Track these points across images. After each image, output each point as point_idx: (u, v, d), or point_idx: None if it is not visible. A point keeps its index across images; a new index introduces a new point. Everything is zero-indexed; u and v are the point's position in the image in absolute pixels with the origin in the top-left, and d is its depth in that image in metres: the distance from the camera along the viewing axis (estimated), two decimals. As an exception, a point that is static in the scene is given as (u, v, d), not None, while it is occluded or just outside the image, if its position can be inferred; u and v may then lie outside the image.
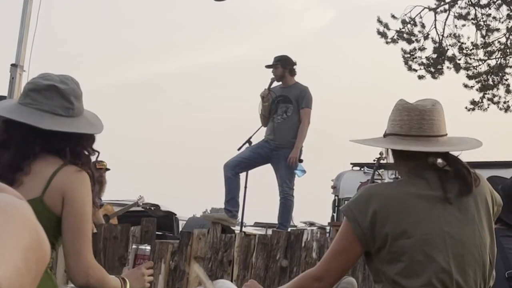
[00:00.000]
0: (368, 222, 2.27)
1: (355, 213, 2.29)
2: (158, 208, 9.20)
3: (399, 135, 2.40)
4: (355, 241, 2.30)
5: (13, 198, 0.70)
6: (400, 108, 2.43)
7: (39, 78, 2.32)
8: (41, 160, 2.24)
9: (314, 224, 12.33)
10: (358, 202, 2.33)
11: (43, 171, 2.23)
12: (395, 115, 2.43)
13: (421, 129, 2.38)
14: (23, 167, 2.22)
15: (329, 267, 2.36)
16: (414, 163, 2.39)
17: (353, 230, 2.29)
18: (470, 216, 2.32)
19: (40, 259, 0.67)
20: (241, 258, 5.33)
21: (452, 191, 2.32)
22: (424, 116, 2.38)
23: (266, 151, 6.64)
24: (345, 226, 2.34)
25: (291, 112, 6.62)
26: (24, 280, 0.63)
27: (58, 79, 2.30)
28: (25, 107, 2.25)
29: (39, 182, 2.22)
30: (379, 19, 13.63)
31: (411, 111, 2.40)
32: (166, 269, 5.47)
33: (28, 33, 6.61)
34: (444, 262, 2.23)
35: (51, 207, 2.21)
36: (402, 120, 2.40)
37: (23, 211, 0.69)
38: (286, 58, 6.82)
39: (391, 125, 2.44)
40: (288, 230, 6.06)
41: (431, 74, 13.79)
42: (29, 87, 2.29)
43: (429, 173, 2.37)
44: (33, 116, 2.23)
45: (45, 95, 2.25)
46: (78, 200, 2.23)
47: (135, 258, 2.59)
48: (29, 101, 2.25)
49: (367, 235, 2.27)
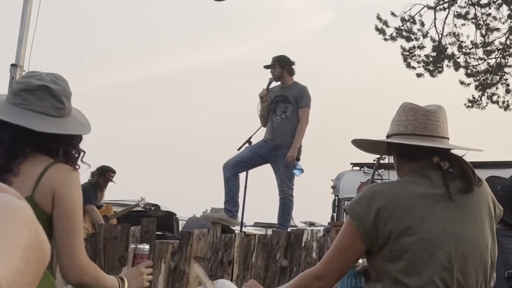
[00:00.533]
0: (371, 221, 2.27)
1: (359, 212, 2.30)
2: (158, 208, 9.19)
3: (405, 135, 2.41)
4: (358, 239, 2.30)
5: (13, 198, 0.70)
6: (406, 108, 2.44)
7: (29, 77, 2.29)
8: (30, 160, 2.23)
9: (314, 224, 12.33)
10: (361, 201, 2.33)
11: (32, 170, 2.21)
12: (400, 115, 2.44)
13: (426, 129, 2.39)
14: (12, 167, 2.20)
15: (331, 266, 2.35)
16: (418, 162, 2.40)
17: (357, 228, 2.29)
18: (473, 216, 2.33)
19: (40, 259, 0.67)
20: (241, 258, 5.33)
21: (454, 189, 2.33)
22: (429, 117, 2.40)
23: (266, 151, 6.63)
24: (348, 224, 2.34)
25: (290, 112, 6.62)
26: (24, 280, 0.63)
27: (49, 78, 2.28)
28: (15, 107, 2.23)
29: (28, 181, 2.20)
30: (378, 16, 13.63)
31: (417, 112, 2.41)
32: (166, 269, 5.47)
33: (28, 33, 6.61)
34: (446, 261, 2.24)
35: (42, 205, 2.19)
36: (408, 120, 2.41)
37: (23, 211, 0.68)
38: (284, 58, 6.82)
39: (395, 125, 2.45)
40: (288, 230, 6.06)
41: (430, 72, 13.79)
42: (20, 87, 2.26)
43: (432, 172, 2.37)
44: (25, 117, 2.21)
45: (37, 95, 2.24)
46: (68, 197, 2.21)
47: (134, 258, 2.59)
48: (20, 101, 2.23)
49: (370, 233, 2.27)
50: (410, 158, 2.42)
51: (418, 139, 2.38)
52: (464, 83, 13.87)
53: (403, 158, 2.46)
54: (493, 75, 13.86)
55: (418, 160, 2.40)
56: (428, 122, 2.40)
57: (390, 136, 2.46)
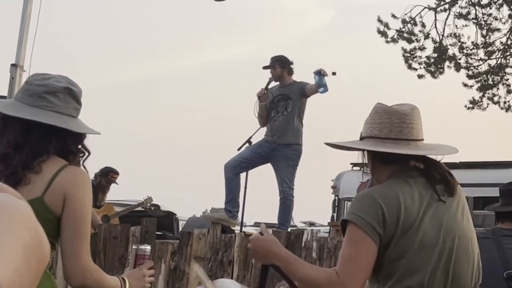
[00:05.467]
0: (381, 224, 2.24)
1: (366, 218, 2.25)
2: (158, 208, 9.18)
3: (379, 138, 2.38)
4: (372, 245, 2.24)
5: (13, 198, 0.70)
6: (379, 111, 2.41)
7: (48, 79, 2.32)
8: (49, 160, 2.27)
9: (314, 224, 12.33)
10: (364, 207, 2.29)
11: (45, 171, 2.25)
12: (374, 118, 2.41)
13: (401, 133, 2.37)
14: (34, 166, 2.23)
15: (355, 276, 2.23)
16: (395, 166, 2.38)
17: (368, 235, 2.23)
18: (459, 216, 2.36)
19: (40, 260, 0.67)
20: (241, 258, 5.33)
21: (441, 191, 2.35)
22: (404, 120, 2.38)
23: (266, 151, 6.63)
24: (355, 234, 2.25)
25: (291, 108, 6.62)
26: (24, 281, 0.63)
27: (66, 80, 2.35)
28: (41, 110, 2.27)
29: (41, 182, 2.23)
30: (379, 18, 13.65)
31: (392, 115, 2.38)
32: (166, 269, 5.47)
33: (28, 33, 6.62)
34: (444, 257, 2.27)
35: (51, 207, 2.21)
36: (382, 123, 2.38)
37: (23, 211, 0.68)
38: (284, 58, 6.83)
39: (369, 127, 2.42)
40: (288, 230, 6.06)
41: (431, 74, 13.80)
42: (43, 90, 2.29)
43: (415, 175, 2.37)
44: (55, 118, 2.26)
45: (60, 97, 2.29)
46: (79, 200, 2.24)
47: (135, 259, 2.59)
48: (46, 103, 2.27)
49: (382, 236, 2.25)
50: (386, 162, 2.40)
51: (393, 143, 2.35)
52: (467, 85, 13.88)
53: (377, 162, 2.43)
54: (494, 75, 13.86)
55: (394, 164, 2.38)
56: (403, 125, 2.37)
57: (364, 138, 2.43)
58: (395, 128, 2.36)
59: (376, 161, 2.43)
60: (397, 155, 2.34)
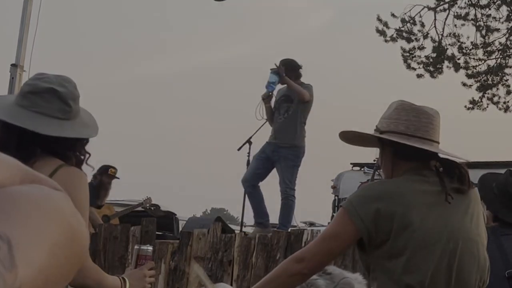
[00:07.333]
0: (371, 217, 2.26)
1: (358, 209, 2.29)
2: (158, 208, 9.18)
3: (405, 134, 2.39)
4: (351, 231, 2.29)
5: (47, 190, 0.68)
6: (407, 108, 2.42)
7: (37, 79, 2.30)
8: (40, 161, 2.24)
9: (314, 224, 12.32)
10: (360, 198, 2.33)
11: (40, 171, 2.22)
12: (400, 114, 2.42)
13: (427, 133, 2.39)
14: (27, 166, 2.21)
15: (313, 249, 2.36)
16: (414, 163, 2.40)
17: (350, 219, 2.29)
18: (469, 215, 2.36)
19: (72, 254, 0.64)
20: (241, 258, 5.33)
21: (451, 190, 2.34)
22: (431, 121, 2.40)
23: (269, 153, 6.66)
24: (342, 216, 2.34)
25: (292, 111, 6.61)
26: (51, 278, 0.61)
27: (56, 81, 2.29)
28: (23, 110, 2.24)
29: None
30: (378, 17, 13.64)
31: (420, 114, 2.40)
32: (166, 269, 5.47)
33: (28, 33, 6.62)
34: (445, 257, 2.26)
35: None
36: (409, 120, 2.39)
37: (55, 204, 0.66)
38: (291, 65, 6.72)
39: (393, 123, 2.42)
40: (288, 230, 6.06)
41: (430, 73, 13.79)
42: (28, 89, 2.28)
43: (428, 172, 2.38)
44: (32, 119, 2.22)
45: (45, 98, 2.24)
46: (75, 201, 2.21)
47: (137, 259, 2.59)
48: (28, 103, 2.24)
49: (370, 230, 2.27)
50: (407, 158, 2.41)
51: (419, 142, 2.37)
52: (466, 84, 13.87)
53: (397, 158, 2.44)
54: (494, 76, 13.85)
55: (415, 161, 2.40)
56: (430, 126, 2.40)
57: (385, 133, 2.43)
58: (423, 127, 2.38)
59: (396, 156, 2.44)
60: (419, 153, 2.36)
